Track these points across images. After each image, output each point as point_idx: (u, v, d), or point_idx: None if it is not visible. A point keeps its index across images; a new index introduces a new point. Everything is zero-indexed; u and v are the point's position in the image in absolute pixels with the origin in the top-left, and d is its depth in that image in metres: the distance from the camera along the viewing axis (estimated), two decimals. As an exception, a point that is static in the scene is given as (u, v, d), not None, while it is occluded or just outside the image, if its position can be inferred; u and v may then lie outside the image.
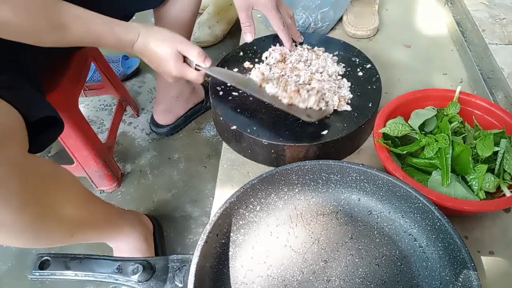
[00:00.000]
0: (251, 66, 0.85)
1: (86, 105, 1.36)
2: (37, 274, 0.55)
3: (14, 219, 0.50)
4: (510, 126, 0.71)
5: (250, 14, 0.80)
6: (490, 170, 0.66)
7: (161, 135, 1.26)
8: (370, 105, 0.77)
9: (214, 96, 0.80)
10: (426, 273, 0.59)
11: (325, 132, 0.73)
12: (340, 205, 0.67)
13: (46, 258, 0.55)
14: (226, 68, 0.84)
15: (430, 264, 0.59)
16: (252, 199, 0.63)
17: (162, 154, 1.22)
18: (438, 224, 0.58)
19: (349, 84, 0.81)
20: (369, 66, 0.86)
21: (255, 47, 0.89)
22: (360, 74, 0.84)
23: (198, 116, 1.30)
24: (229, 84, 0.79)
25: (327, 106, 0.74)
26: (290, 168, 0.64)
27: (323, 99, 0.74)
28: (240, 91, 0.80)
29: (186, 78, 0.71)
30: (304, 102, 0.71)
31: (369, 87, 0.81)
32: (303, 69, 0.82)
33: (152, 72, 1.46)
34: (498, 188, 0.65)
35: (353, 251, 0.62)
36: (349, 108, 0.77)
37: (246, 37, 0.83)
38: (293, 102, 0.71)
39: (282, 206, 0.67)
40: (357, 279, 0.59)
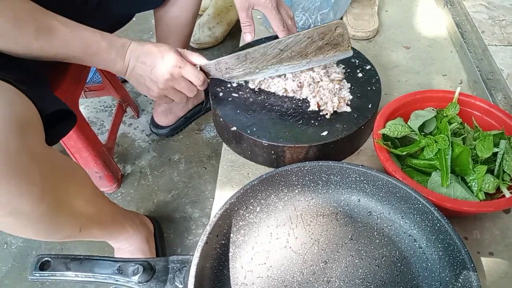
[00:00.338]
0: None
1: (87, 106, 1.36)
2: (37, 275, 0.55)
3: (32, 208, 0.50)
4: (510, 127, 0.71)
5: (250, 14, 0.80)
6: (490, 171, 0.66)
7: (161, 136, 1.26)
8: (369, 106, 0.77)
9: (214, 97, 0.80)
10: (426, 274, 0.59)
11: (325, 133, 0.73)
12: (340, 206, 0.67)
13: (46, 259, 0.55)
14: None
15: (430, 265, 0.59)
16: (252, 200, 0.64)
17: (162, 155, 1.22)
18: (438, 225, 0.58)
19: (348, 85, 0.81)
20: (368, 67, 0.86)
21: (255, 49, 0.89)
22: (359, 75, 0.84)
23: (198, 117, 1.30)
24: (239, 71, 0.76)
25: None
26: (290, 169, 0.64)
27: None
28: (240, 92, 0.80)
29: (186, 74, 0.69)
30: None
31: (368, 88, 0.81)
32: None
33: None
34: (498, 189, 0.65)
35: (353, 252, 0.62)
36: (348, 109, 0.77)
37: (246, 37, 0.83)
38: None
39: (282, 207, 0.67)
40: (357, 280, 0.60)
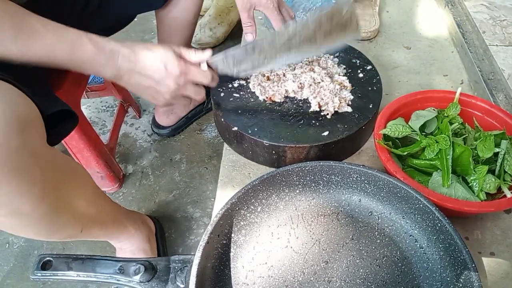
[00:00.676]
0: None
1: (88, 106, 1.37)
2: (39, 275, 0.55)
3: (33, 208, 0.50)
4: (511, 127, 0.71)
5: (252, 14, 0.80)
6: (491, 171, 0.66)
7: (162, 136, 1.26)
8: (370, 106, 0.78)
9: (215, 97, 0.80)
10: (427, 274, 0.59)
11: (326, 133, 0.73)
12: (341, 206, 0.67)
13: (48, 258, 0.55)
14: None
15: (431, 265, 0.59)
16: (253, 200, 0.64)
17: (164, 155, 1.22)
18: (439, 225, 0.58)
19: (350, 85, 0.81)
20: (369, 67, 0.86)
21: (256, 49, 0.90)
22: (360, 75, 0.84)
23: (200, 117, 1.31)
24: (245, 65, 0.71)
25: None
26: (291, 169, 0.64)
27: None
28: (242, 92, 0.80)
29: (193, 78, 0.64)
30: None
31: (369, 89, 0.81)
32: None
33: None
34: (499, 189, 0.65)
35: (354, 252, 0.62)
36: (349, 109, 0.77)
37: (247, 37, 0.83)
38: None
39: (283, 207, 0.67)
40: (358, 280, 0.60)
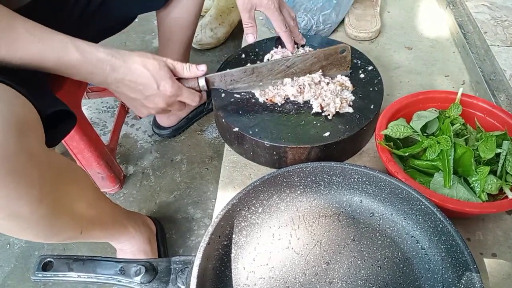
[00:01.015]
0: None
1: (89, 107, 1.37)
2: (40, 275, 0.55)
3: (31, 211, 0.49)
4: (513, 128, 0.71)
5: (253, 15, 0.80)
6: (493, 172, 0.66)
7: (163, 137, 1.26)
8: (372, 107, 0.77)
9: (216, 98, 0.80)
10: (429, 275, 0.59)
11: (327, 134, 0.73)
12: (342, 207, 0.67)
13: (49, 259, 0.55)
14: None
15: (432, 266, 0.59)
16: (254, 201, 0.63)
17: (164, 156, 1.22)
18: (441, 226, 0.58)
19: (351, 86, 0.81)
20: (370, 68, 0.86)
21: (257, 49, 0.90)
22: (362, 76, 0.84)
23: (200, 118, 1.31)
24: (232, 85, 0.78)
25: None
26: (292, 170, 0.64)
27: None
28: (242, 93, 0.80)
29: (182, 99, 0.66)
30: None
31: (371, 89, 0.81)
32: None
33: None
34: (501, 190, 0.65)
35: (355, 253, 0.62)
36: (351, 110, 0.77)
37: (248, 38, 0.83)
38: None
39: (284, 208, 0.67)
40: (359, 281, 0.59)
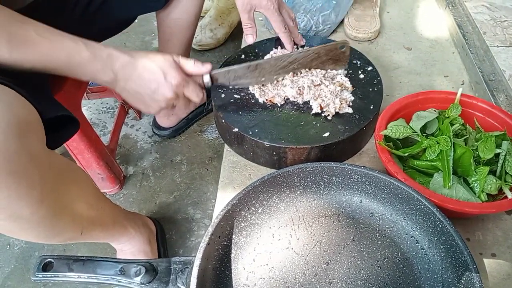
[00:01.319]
0: None
1: (89, 108, 1.37)
2: (40, 276, 0.55)
3: (32, 211, 0.50)
4: (512, 128, 0.71)
5: (252, 16, 0.80)
6: (492, 172, 0.66)
7: (163, 138, 1.27)
8: (371, 107, 0.78)
9: (216, 98, 0.80)
10: (428, 275, 0.59)
11: (326, 134, 0.73)
12: (341, 207, 0.67)
13: (49, 260, 0.55)
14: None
15: (432, 266, 0.59)
16: (254, 201, 0.64)
17: (164, 157, 1.22)
18: (440, 226, 0.58)
19: (350, 86, 0.81)
20: (370, 68, 0.86)
21: (257, 50, 0.90)
22: (361, 76, 0.84)
23: (200, 118, 1.31)
24: (233, 82, 0.77)
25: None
26: (292, 170, 0.64)
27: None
28: (242, 94, 0.80)
29: (188, 92, 0.66)
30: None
31: (370, 90, 0.81)
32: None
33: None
34: (500, 190, 0.65)
35: (355, 253, 0.62)
36: (350, 110, 0.77)
37: (248, 38, 0.83)
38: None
39: (284, 208, 0.67)
40: (359, 281, 0.59)
